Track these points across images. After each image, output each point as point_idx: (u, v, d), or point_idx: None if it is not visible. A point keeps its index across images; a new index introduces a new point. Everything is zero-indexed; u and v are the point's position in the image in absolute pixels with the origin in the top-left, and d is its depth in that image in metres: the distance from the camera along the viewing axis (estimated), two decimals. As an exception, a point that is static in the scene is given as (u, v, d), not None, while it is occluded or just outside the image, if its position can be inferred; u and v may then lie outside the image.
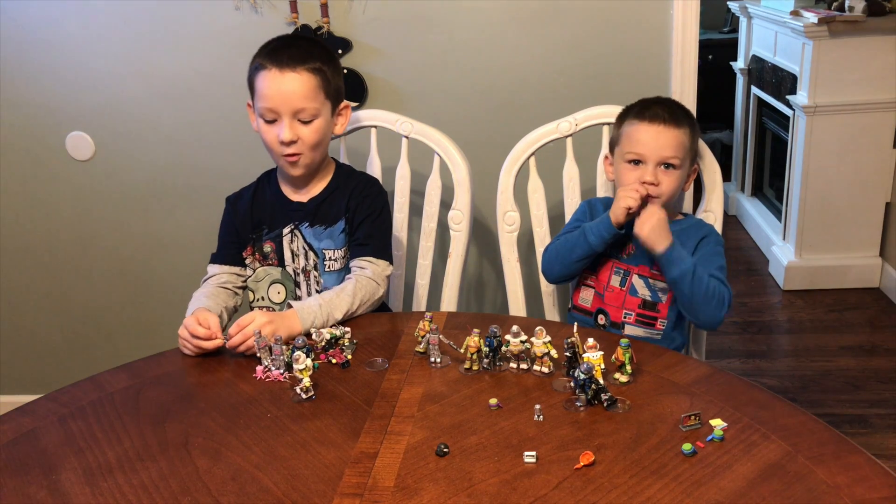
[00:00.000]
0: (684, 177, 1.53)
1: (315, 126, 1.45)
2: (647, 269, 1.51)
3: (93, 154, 2.24)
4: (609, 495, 0.90)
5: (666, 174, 1.49)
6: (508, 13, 2.01)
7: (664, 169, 1.49)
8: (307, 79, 1.42)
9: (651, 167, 1.48)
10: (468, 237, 1.70)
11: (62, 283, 2.39)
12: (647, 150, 1.48)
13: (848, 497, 0.87)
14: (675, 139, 1.49)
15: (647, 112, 1.51)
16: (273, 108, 1.42)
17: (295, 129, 1.43)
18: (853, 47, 2.88)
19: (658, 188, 1.48)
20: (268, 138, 1.46)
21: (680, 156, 1.49)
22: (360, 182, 1.55)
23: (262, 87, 1.43)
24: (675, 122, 1.50)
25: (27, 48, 2.14)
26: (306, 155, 1.46)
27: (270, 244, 1.52)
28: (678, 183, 1.50)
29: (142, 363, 1.30)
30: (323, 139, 1.48)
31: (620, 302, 1.53)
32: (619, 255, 1.54)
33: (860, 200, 3.05)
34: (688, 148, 1.51)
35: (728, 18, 4.91)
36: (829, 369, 2.60)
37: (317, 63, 1.44)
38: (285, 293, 1.54)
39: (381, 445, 1.02)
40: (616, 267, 1.54)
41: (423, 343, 1.25)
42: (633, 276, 1.52)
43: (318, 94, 1.44)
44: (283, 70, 1.41)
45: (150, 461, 1.02)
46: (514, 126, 1.83)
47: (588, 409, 1.07)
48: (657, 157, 1.48)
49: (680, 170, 1.50)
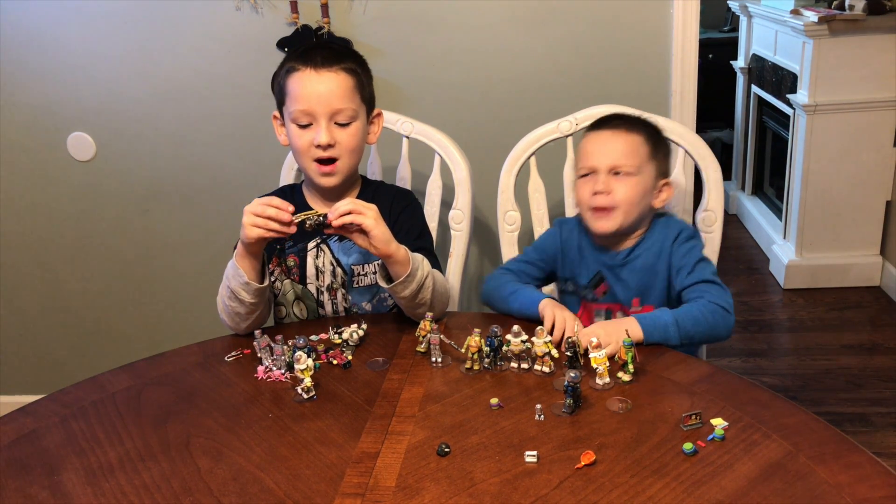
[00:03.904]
0: (645, 187, 1.41)
1: (353, 130, 1.37)
2: (628, 308, 1.43)
3: (94, 154, 2.24)
4: (610, 495, 0.90)
5: (619, 181, 1.38)
6: (508, 13, 2.01)
7: (616, 176, 1.39)
8: (344, 78, 1.36)
9: (602, 176, 1.39)
10: (469, 237, 1.70)
11: (63, 284, 2.39)
12: (595, 158, 1.40)
13: (849, 496, 0.87)
14: (627, 145, 1.40)
15: (599, 124, 1.47)
16: (309, 111, 1.34)
17: (332, 132, 1.35)
18: (853, 46, 2.88)
19: (610, 197, 1.38)
20: (300, 143, 1.36)
21: (633, 162, 1.39)
22: (396, 195, 1.48)
23: (296, 88, 1.35)
24: (627, 127, 1.42)
25: (28, 48, 2.14)
26: (343, 161, 1.37)
27: (294, 258, 1.44)
28: (636, 192, 1.39)
29: (143, 363, 1.30)
30: (360, 145, 1.40)
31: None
32: (594, 298, 1.46)
33: (861, 199, 3.05)
34: (645, 155, 1.41)
35: (728, 17, 4.91)
36: (829, 368, 2.60)
37: (351, 64, 1.38)
38: (307, 312, 1.48)
39: (383, 445, 1.02)
40: (595, 308, 1.47)
41: (424, 343, 1.25)
42: (617, 314, 1.45)
43: (354, 95, 1.37)
44: (319, 70, 1.34)
45: (152, 461, 1.02)
46: (514, 126, 1.83)
47: (576, 413, 1.07)
48: (606, 164, 1.39)
49: (636, 177, 1.39)
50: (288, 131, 1.40)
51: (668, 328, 1.25)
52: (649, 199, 1.43)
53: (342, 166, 1.38)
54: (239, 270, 1.29)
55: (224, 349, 1.31)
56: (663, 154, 1.47)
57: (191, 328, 2.34)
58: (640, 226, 1.45)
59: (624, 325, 1.23)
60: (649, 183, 1.42)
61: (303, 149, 1.37)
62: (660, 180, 1.45)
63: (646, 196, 1.42)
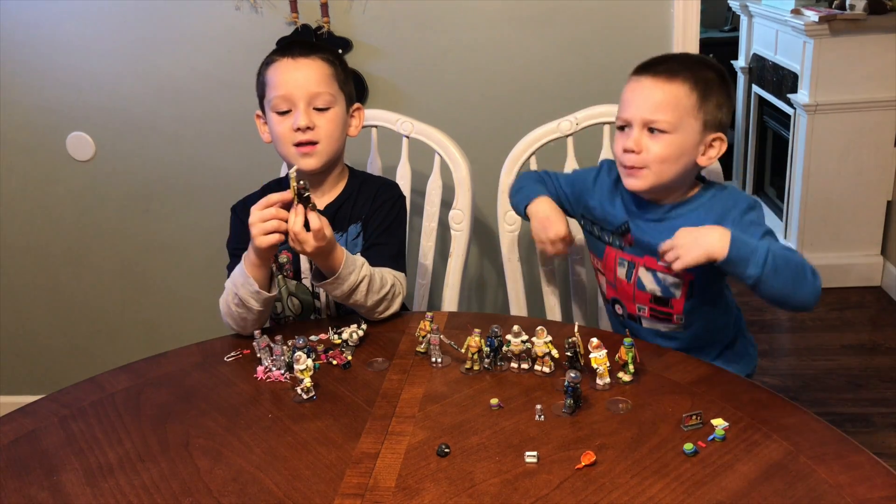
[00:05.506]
0: (684, 145, 1.25)
1: (331, 115, 1.40)
2: (655, 260, 1.29)
3: (93, 154, 2.24)
4: (611, 495, 0.90)
5: (653, 139, 1.25)
6: (508, 13, 2.01)
7: (650, 133, 1.25)
8: (320, 65, 1.40)
9: (635, 131, 1.25)
10: (469, 237, 1.70)
11: (62, 284, 2.39)
12: (629, 109, 1.26)
13: (850, 496, 0.87)
14: (666, 96, 1.24)
15: (642, 68, 1.29)
16: (287, 95, 1.37)
17: (310, 115, 1.38)
18: (854, 46, 2.88)
19: (640, 156, 1.25)
20: (280, 130, 1.39)
21: (670, 118, 1.23)
22: (382, 186, 1.50)
23: (275, 77, 1.39)
24: (670, 75, 1.25)
25: (27, 48, 2.14)
26: (323, 145, 1.39)
27: (287, 254, 1.44)
28: (670, 150, 1.24)
29: (142, 364, 1.29)
30: (339, 133, 1.43)
31: (630, 295, 1.39)
32: (621, 245, 1.37)
33: (861, 199, 3.05)
34: (688, 109, 1.24)
35: (729, 17, 4.91)
36: (830, 368, 2.60)
37: (328, 55, 1.43)
38: (302, 307, 1.49)
39: (382, 446, 1.02)
40: (619, 258, 1.38)
41: (423, 343, 1.25)
42: (640, 269, 1.35)
43: (332, 81, 1.41)
44: (296, 58, 1.39)
45: (151, 462, 1.02)
46: (514, 125, 1.83)
47: (576, 414, 1.07)
48: (640, 117, 1.25)
49: (672, 134, 1.24)
50: (269, 122, 1.43)
51: (756, 250, 1.14)
52: (692, 156, 1.27)
53: (322, 149, 1.40)
54: (249, 279, 1.29)
55: (223, 349, 1.31)
56: (715, 104, 1.27)
57: (190, 328, 2.34)
58: (684, 183, 1.32)
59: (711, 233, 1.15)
60: (691, 139, 1.26)
61: (283, 135, 1.39)
62: (709, 135, 1.28)
63: (685, 154, 1.26)
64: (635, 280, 1.37)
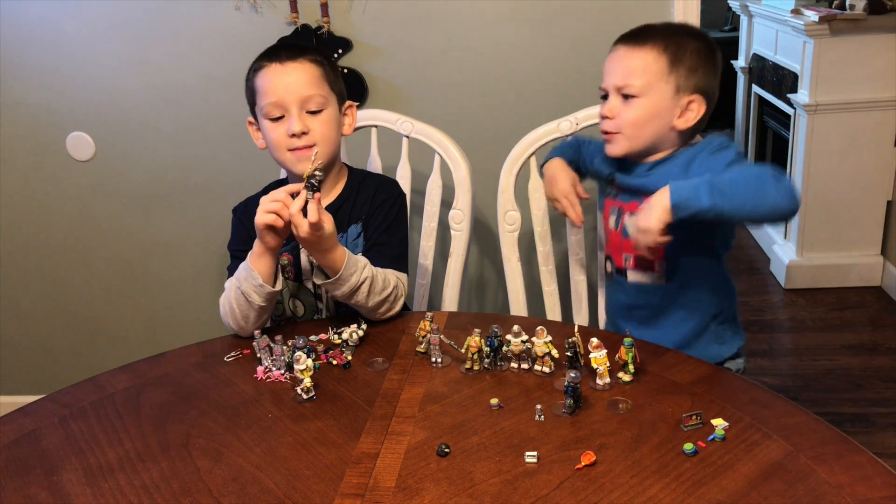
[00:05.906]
0: (656, 108, 1.29)
1: (324, 117, 1.39)
2: (637, 204, 1.28)
3: (93, 154, 2.24)
4: (611, 495, 0.90)
5: (626, 105, 1.29)
6: (508, 13, 2.01)
7: (624, 100, 1.29)
8: (309, 67, 1.38)
9: (611, 98, 1.30)
10: (469, 237, 1.70)
11: (62, 283, 2.39)
12: (605, 78, 1.31)
13: (850, 496, 0.87)
14: (635, 62, 1.28)
15: (619, 39, 1.34)
16: (279, 101, 1.36)
17: (304, 119, 1.36)
18: (854, 46, 2.88)
19: (613, 122, 1.30)
20: (275, 136, 1.37)
21: (638, 82, 1.27)
22: (382, 183, 1.50)
23: (264, 83, 1.37)
24: (641, 41, 1.29)
25: (27, 48, 2.14)
26: (319, 148, 1.38)
27: (287, 256, 1.43)
28: (641, 114, 1.28)
29: (142, 364, 1.29)
30: (334, 134, 1.42)
31: (617, 245, 1.41)
32: (610, 191, 1.41)
33: (861, 199, 3.05)
34: (657, 72, 1.28)
35: (729, 17, 4.91)
36: (830, 368, 2.60)
37: (316, 56, 1.41)
38: (304, 309, 1.49)
39: (382, 446, 1.02)
40: (611, 206, 1.41)
41: (423, 343, 1.25)
42: (626, 216, 1.37)
43: (322, 82, 1.39)
44: (284, 63, 1.37)
45: (151, 462, 1.02)
46: (514, 125, 1.83)
47: (576, 414, 1.07)
48: (613, 84, 1.30)
49: (642, 98, 1.28)
50: (262, 129, 1.41)
51: (698, 186, 1.15)
52: (665, 119, 1.30)
53: (318, 153, 1.38)
54: (253, 272, 1.29)
55: (224, 349, 1.31)
56: (688, 68, 1.30)
57: (190, 328, 2.34)
58: (662, 145, 1.35)
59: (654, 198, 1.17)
60: (662, 102, 1.29)
61: (278, 142, 1.38)
62: (682, 97, 1.30)
63: (657, 117, 1.30)
64: (621, 227, 1.39)
